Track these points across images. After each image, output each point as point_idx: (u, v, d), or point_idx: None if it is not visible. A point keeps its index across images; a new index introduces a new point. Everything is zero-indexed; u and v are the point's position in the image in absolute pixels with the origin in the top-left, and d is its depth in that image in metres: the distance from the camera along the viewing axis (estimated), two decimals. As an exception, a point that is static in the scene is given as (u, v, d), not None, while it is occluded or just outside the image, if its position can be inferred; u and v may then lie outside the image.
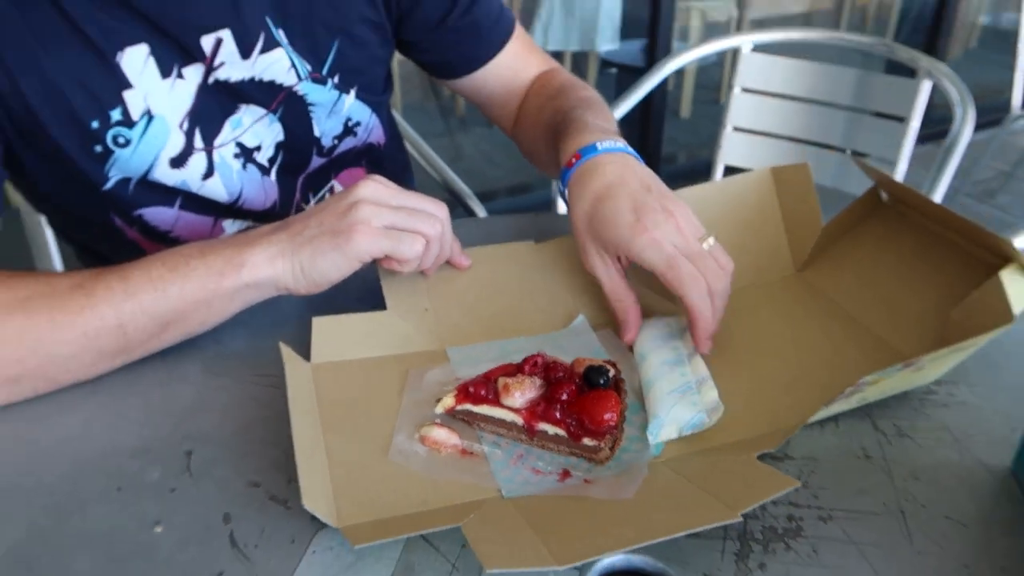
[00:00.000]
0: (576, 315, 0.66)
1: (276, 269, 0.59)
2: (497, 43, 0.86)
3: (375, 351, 0.62)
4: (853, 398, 0.52)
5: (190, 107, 0.71)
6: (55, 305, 0.56)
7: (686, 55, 1.49)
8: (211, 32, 0.69)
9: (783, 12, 4.57)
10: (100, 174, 0.71)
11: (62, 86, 0.65)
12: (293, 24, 0.73)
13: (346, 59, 0.77)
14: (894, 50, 1.35)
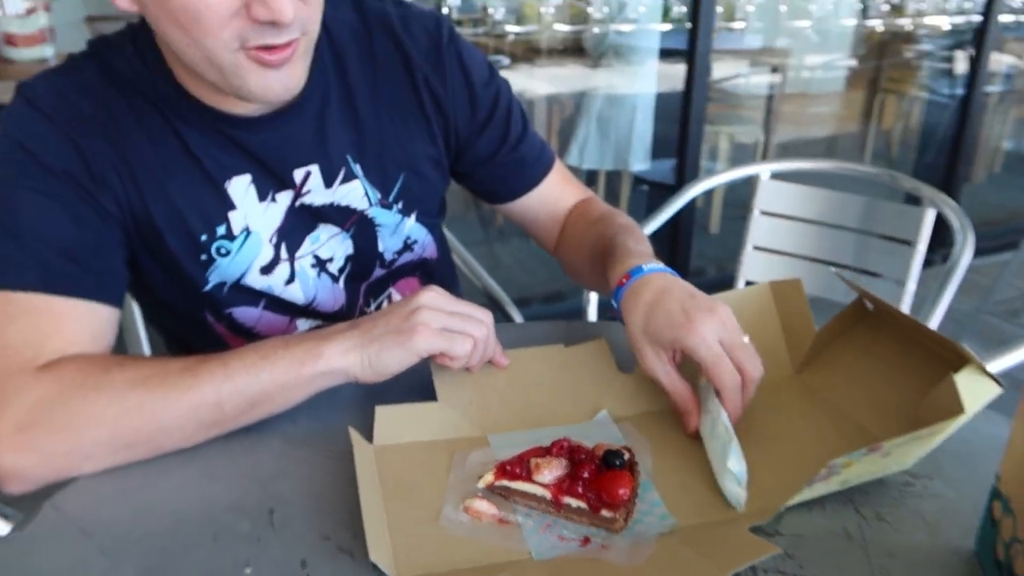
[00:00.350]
0: (600, 410, 0.76)
1: (347, 361, 0.70)
2: (539, 175, 1.00)
3: (427, 436, 0.72)
4: (834, 481, 0.61)
5: (279, 225, 0.85)
6: (168, 383, 0.67)
7: (709, 181, 1.63)
8: (302, 166, 0.84)
9: (808, 136, 4.79)
10: (202, 278, 0.84)
11: (181, 206, 0.80)
12: (368, 160, 0.88)
13: (409, 189, 0.91)
14: (897, 180, 1.48)
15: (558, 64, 4.10)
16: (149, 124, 0.78)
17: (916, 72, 4.60)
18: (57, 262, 0.72)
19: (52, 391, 0.67)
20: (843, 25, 4.93)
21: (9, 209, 0.73)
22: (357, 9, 0.88)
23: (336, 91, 0.86)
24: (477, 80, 0.92)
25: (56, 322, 0.71)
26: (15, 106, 0.76)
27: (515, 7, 4.50)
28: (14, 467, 0.66)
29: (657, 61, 3.35)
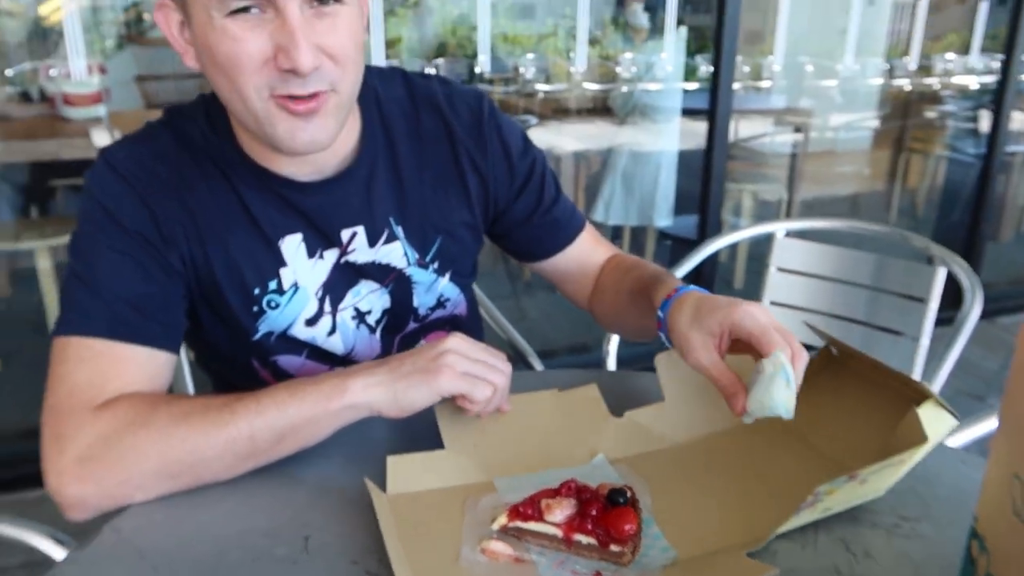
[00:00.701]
0: (596, 452, 0.82)
1: (372, 395, 0.75)
2: (571, 235, 1.07)
3: (437, 483, 0.77)
4: (818, 508, 0.66)
5: (325, 280, 0.93)
6: (207, 419, 0.74)
7: (726, 238, 1.69)
8: (349, 227, 0.92)
9: (832, 194, 4.83)
10: (253, 328, 0.92)
11: (239, 262, 0.88)
12: (409, 224, 0.96)
13: (446, 251, 0.99)
14: (908, 239, 1.53)
15: (586, 121, 4.23)
16: (215, 186, 0.87)
17: (941, 131, 4.65)
18: (125, 312, 0.80)
19: (108, 428, 0.74)
20: (869, 85, 5.02)
21: (88, 263, 0.82)
22: (407, 86, 0.97)
23: (384, 160, 0.93)
24: (514, 152, 1.00)
25: (118, 366, 0.79)
26: (98, 169, 0.85)
27: (545, 67, 4.66)
28: (76, 496, 0.73)
29: (682, 119, 3.45)
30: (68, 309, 0.81)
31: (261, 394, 0.76)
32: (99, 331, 0.79)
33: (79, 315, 0.80)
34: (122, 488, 0.74)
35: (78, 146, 2.79)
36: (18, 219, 3.20)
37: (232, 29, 0.74)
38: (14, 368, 2.75)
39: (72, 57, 2.35)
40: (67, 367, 0.78)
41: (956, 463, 0.81)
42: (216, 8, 0.73)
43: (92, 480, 0.73)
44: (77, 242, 0.84)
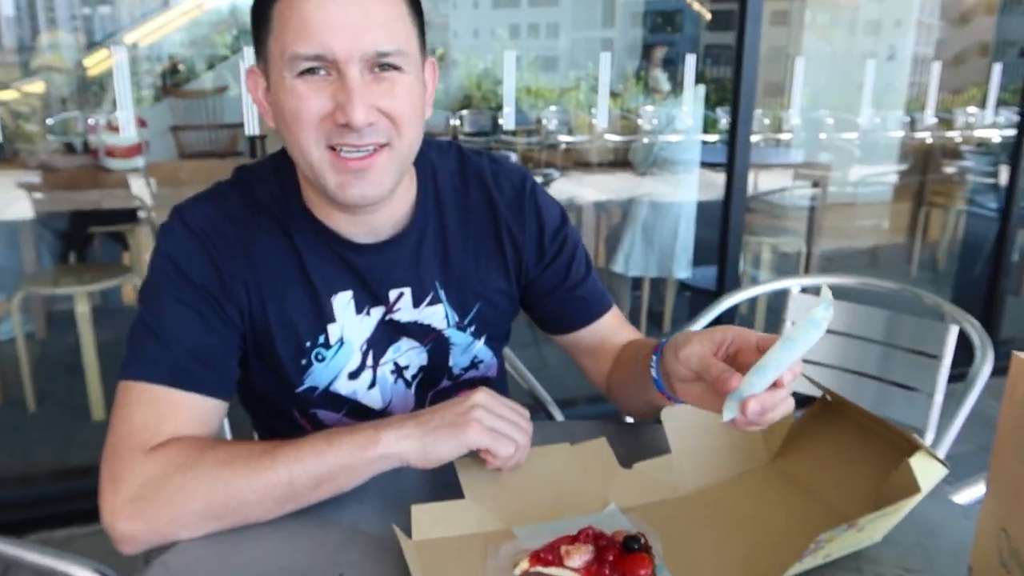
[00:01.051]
0: (607, 502, 0.86)
1: (402, 447, 0.80)
2: (596, 314, 1.10)
3: (459, 530, 0.81)
4: (819, 554, 0.70)
5: (369, 336, 0.99)
6: (250, 465, 0.80)
7: (741, 293, 1.73)
8: (397, 288, 0.99)
9: (852, 247, 4.86)
10: (299, 380, 0.97)
11: (293, 316, 0.94)
12: (451, 288, 1.02)
13: (483, 316, 1.05)
14: (920, 297, 1.56)
15: (607, 173, 4.31)
16: (277, 244, 0.94)
17: (961, 185, 4.68)
18: (187, 362, 0.87)
19: (158, 470, 0.80)
20: (888, 138, 5.07)
21: (156, 312, 0.88)
22: (459, 159, 1.04)
23: (433, 228, 1.00)
24: (548, 231, 1.06)
25: (174, 410, 0.85)
26: (172, 224, 0.92)
27: (567, 119, 4.78)
28: (128, 533, 0.79)
29: (701, 171, 3.51)
30: (134, 355, 0.87)
31: (301, 442, 0.81)
32: (161, 379, 0.85)
33: (144, 362, 0.86)
34: (170, 527, 0.79)
35: (118, 196, 2.91)
36: (57, 265, 3.32)
37: (299, 88, 0.82)
38: (48, 408, 2.82)
39: (115, 110, 2.46)
40: (128, 410, 0.85)
41: (959, 517, 0.84)
42: (288, 70, 0.82)
43: (142, 519, 0.79)
44: (147, 291, 0.90)
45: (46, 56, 3.47)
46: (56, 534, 2.12)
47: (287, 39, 0.81)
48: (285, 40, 0.82)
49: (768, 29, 3.52)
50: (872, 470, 0.80)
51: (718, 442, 0.91)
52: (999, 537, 0.58)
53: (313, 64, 0.81)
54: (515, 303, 1.10)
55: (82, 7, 4.15)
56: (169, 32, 4.33)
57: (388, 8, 0.83)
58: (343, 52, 0.80)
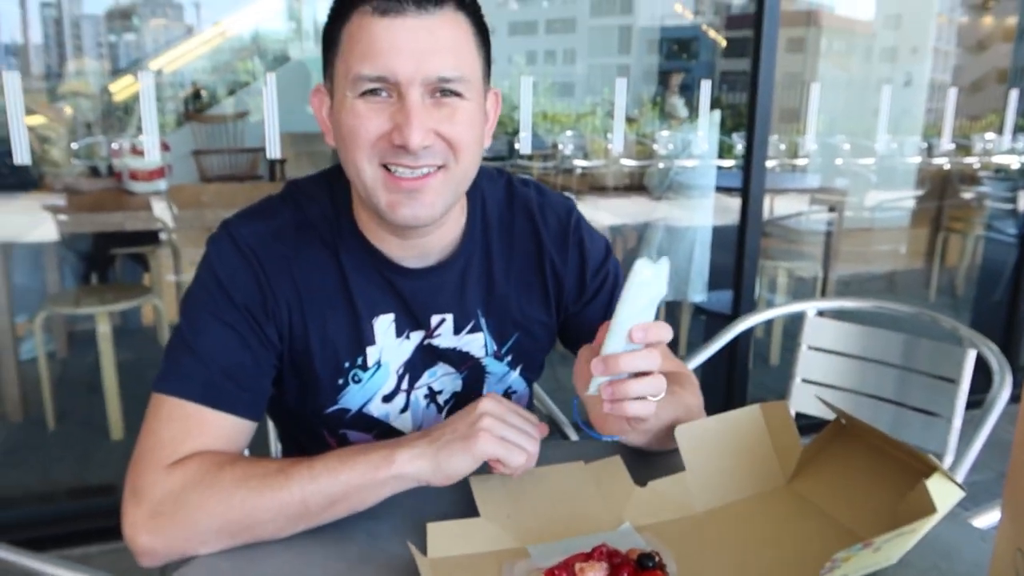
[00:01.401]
0: (622, 520, 0.86)
1: (416, 466, 0.80)
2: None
3: (473, 548, 0.82)
4: (836, 574, 0.69)
5: (407, 359, 0.99)
6: (265, 483, 0.80)
7: (755, 317, 1.74)
8: (440, 313, 0.99)
9: (869, 272, 4.83)
10: (333, 400, 0.98)
11: (332, 334, 0.95)
12: (492, 317, 1.02)
13: (521, 347, 1.05)
14: (937, 320, 1.56)
15: (622, 197, 4.33)
16: (323, 264, 0.94)
17: (980, 211, 4.65)
18: (220, 381, 0.87)
19: (177, 486, 0.81)
20: (906, 164, 5.07)
21: (195, 327, 0.89)
22: (507, 189, 1.05)
23: (479, 256, 1.01)
24: (591, 266, 1.06)
25: (200, 427, 0.86)
26: (221, 240, 0.92)
27: (583, 144, 4.81)
28: (147, 547, 0.80)
29: (717, 196, 3.52)
30: (169, 369, 0.88)
31: (315, 460, 0.81)
32: (193, 395, 0.86)
33: (179, 377, 0.87)
34: (188, 543, 0.80)
35: (141, 218, 2.96)
36: (80, 285, 3.37)
37: (359, 108, 0.84)
38: (67, 427, 2.85)
39: (140, 135, 2.52)
40: (157, 423, 0.86)
41: (977, 540, 0.84)
42: (351, 89, 0.84)
43: (161, 534, 0.80)
44: (188, 304, 0.91)
45: (73, 82, 3.55)
46: (73, 552, 2.13)
47: (353, 60, 0.83)
48: (351, 60, 0.83)
49: (784, 56, 3.54)
50: (888, 492, 0.80)
51: (733, 462, 0.92)
52: (1015, 558, 0.58)
53: (375, 85, 0.83)
54: (553, 336, 1.09)
55: (108, 35, 4.25)
56: (192, 59, 4.42)
57: (455, 34, 0.84)
58: (406, 75, 0.81)
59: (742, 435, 0.93)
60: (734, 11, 4.79)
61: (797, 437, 0.93)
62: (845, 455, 0.89)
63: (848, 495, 0.86)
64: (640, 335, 0.78)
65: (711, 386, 2.95)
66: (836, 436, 0.90)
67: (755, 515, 0.87)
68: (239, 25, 4.52)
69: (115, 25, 4.28)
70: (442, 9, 0.83)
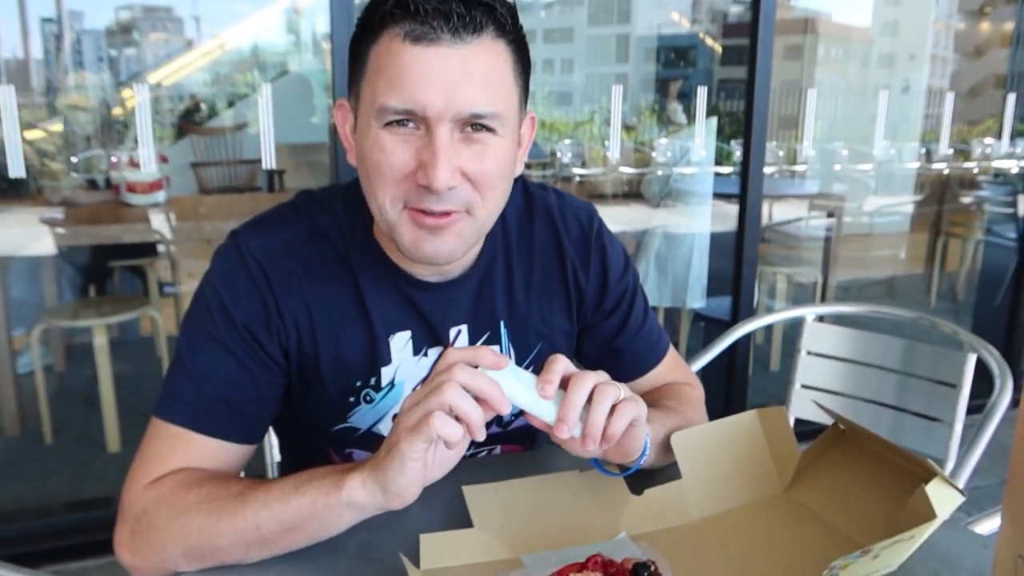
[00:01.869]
0: (618, 529, 0.85)
1: (367, 491, 0.72)
2: (651, 363, 1.07)
3: (467, 559, 0.80)
4: None
5: (424, 377, 0.93)
6: (223, 508, 0.75)
7: (753, 323, 1.73)
8: (457, 326, 0.95)
9: (868, 278, 4.82)
10: (342, 418, 0.94)
11: (345, 353, 0.90)
12: (515, 328, 0.98)
13: (542, 357, 0.99)
14: (937, 325, 1.55)
15: (621, 205, 4.33)
16: (336, 278, 0.89)
17: (980, 215, 4.65)
18: (214, 407, 0.84)
19: (150, 506, 0.79)
20: (904, 169, 5.07)
21: (192, 347, 0.85)
22: (524, 194, 1.01)
23: (499, 265, 0.97)
24: (612, 276, 1.02)
25: (188, 449, 0.84)
26: (227, 253, 0.88)
27: (581, 152, 4.81)
28: (129, 564, 0.80)
29: (716, 202, 3.52)
30: (166, 392, 0.85)
31: (274, 484, 0.76)
32: (186, 423, 0.84)
33: (173, 401, 0.84)
34: (164, 563, 0.78)
35: (138, 230, 2.95)
36: (77, 298, 3.37)
37: (384, 140, 0.78)
38: (64, 440, 2.84)
39: (137, 147, 2.52)
40: (147, 442, 0.85)
41: (978, 547, 0.83)
42: (375, 118, 0.78)
43: (137, 552, 0.79)
44: (189, 322, 0.87)
45: (72, 96, 3.56)
46: (69, 567, 2.12)
47: (379, 87, 0.77)
48: (377, 88, 0.78)
49: (782, 63, 3.54)
50: (887, 499, 0.78)
51: (730, 469, 0.90)
52: (1016, 564, 0.57)
53: (401, 117, 0.77)
54: (574, 344, 1.05)
55: (108, 48, 4.27)
56: (192, 72, 4.43)
57: (491, 64, 0.78)
58: (435, 110, 0.76)
59: (739, 441, 0.92)
60: (731, 19, 4.80)
61: (795, 443, 0.92)
62: (843, 461, 0.88)
63: (847, 502, 0.85)
64: (549, 389, 0.73)
65: (711, 392, 2.92)
66: (834, 442, 0.89)
67: (752, 522, 0.86)
68: (238, 38, 4.53)
69: (115, 40, 4.30)
70: (480, 37, 0.77)
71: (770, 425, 0.93)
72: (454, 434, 0.69)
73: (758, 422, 0.93)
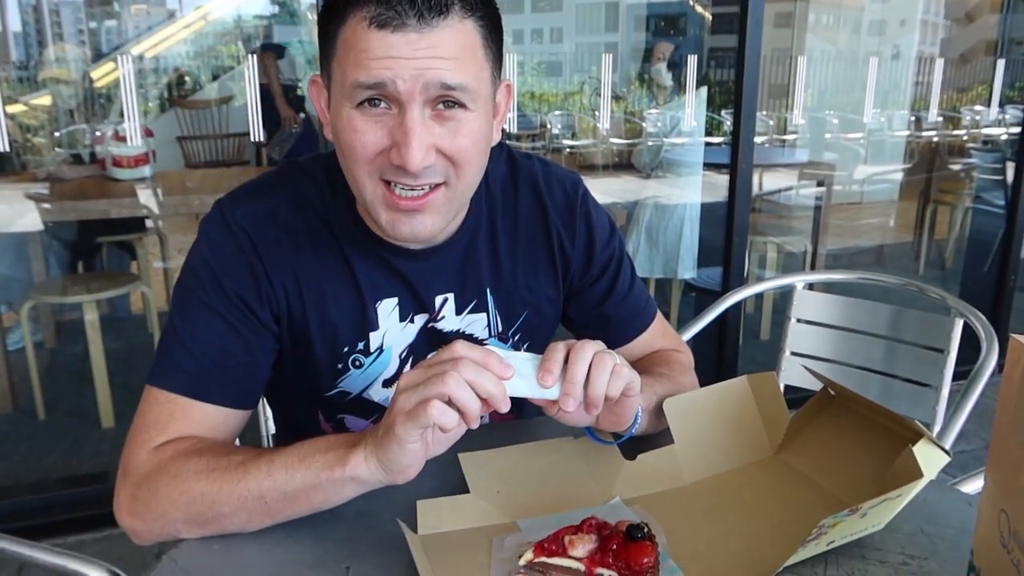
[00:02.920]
0: (612, 494, 0.86)
1: (370, 467, 0.73)
2: (638, 329, 1.08)
3: (464, 524, 0.82)
4: (823, 541, 0.70)
5: (410, 343, 0.96)
6: (225, 478, 0.76)
7: (743, 291, 1.74)
8: (443, 293, 0.96)
9: (858, 246, 4.85)
10: (332, 384, 0.96)
11: (335, 319, 0.92)
12: (501, 296, 1.00)
13: (530, 325, 1.03)
14: (923, 290, 1.56)
15: (612, 176, 4.32)
16: (322, 245, 0.90)
17: (968, 183, 4.67)
18: (206, 372, 0.85)
19: (151, 472, 0.80)
20: (894, 137, 5.07)
21: (184, 316, 0.87)
22: (509, 163, 1.01)
23: (484, 233, 0.98)
24: (598, 243, 1.03)
25: (185, 414, 0.84)
26: (214, 223, 0.89)
27: (571, 123, 4.79)
28: (129, 527, 0.81)
29: (706, 173, 3.52)
30: (160, 360, 0.86)
31: (276, 455, 0.77)
32: (179, 388, 0.85)
33: (167, 369, 0.85)
34: (163, 528, 0.79)
35: (126, 205, 2.93)
36: (66, 275, 3.35)
37: (357, 121, 0.79)
38: (57, 417, 2.85)
39: (122, 121, 2.49)
40: (144, 408, 0.85)
41: (963, 505, 0.84)
42: (348, 98, 0.78)
43: (138, 516, 0.80)
44: (179, 291, 0.88)
45: (53, 69, 3.50)
46: (66, 540, 2.13)
47: (348, 66, 0.77)
48: (346, 66, 0.78)
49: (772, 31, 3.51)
50: (875, 460, 0.80)
51: (721, 433, 0.92)
52: (999, 518, 0.58)
53: (373, 95, 0.77)
54: (559, 312, 1.07)
55: (89, 20, 4.20)
56: (175, 44, 4.37)
57: (459, 44, 0.78)
58: (405, 85, 0.76)
59: (730, 406, 0.93)
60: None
61: (785, 407, 0.93)
62: (832, 424, 0.89)
63: (835, 463, 0.86)
64: (550, 379, 0.74)
65: (702, 361, 2.94)
66: (823, 406, 0.91)
67: (743, 485, 0.88)
68: (221, 9, 4.47)
69: (95, 11, 4.23)
70: (446, 19, 0.77)
71: (760, 390, 0.94)
72: (450, 423, 0.69)
73: (748, 387, 0.94)
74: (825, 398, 0.90)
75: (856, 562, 0.74)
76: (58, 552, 0.94)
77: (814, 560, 0.73)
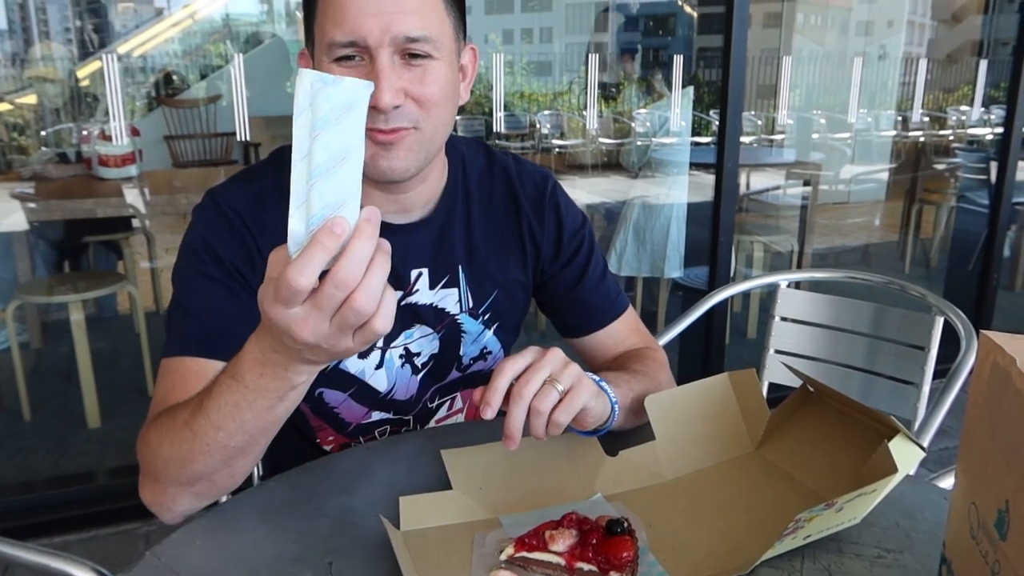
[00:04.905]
0: (593, 490, 0.87)
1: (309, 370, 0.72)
2: (608, 318, 1.13)
3: (446, 520, 0.82)
4: (799, 535, 0.72)
5: None
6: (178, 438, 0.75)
7: (729, 289, 1.75)
8: (417, 268, 1.01)
9: (844, 245, 4.88)
10: None
11: None
12: (473, 274, 1.05)
13: (499, 305, 1.08)
14: (905, 289, 1.58)
15: (600, 176, 4.34)
16: None
17: (953, 182, 4.71)
18: (211, 333, 0.89)
19: (153, 440, 0.81)
20: (880, 137, 5.10)
21: (186, 289, 0.93)
22: (487, 156, 1.09)
23: (460, 214, 1.04)
24: (567, 228, 1.10)
25: (190, 376, 0.86)
26: (206, 207, 0.95)
27: (560, 123, 4.80)
28: (150, 502, 0.83)
29: (693, 172, 3.54)
30: (170, 335, 0.91)
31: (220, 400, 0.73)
32: (190, 350, 0.89)
33: (176, 339, 0.90)
34: (171, 501, 0.81)
35: (112, 205, 2.91)
36: (52, 274, 3.33)
37: (335, 72, 0.85)
38: (43, 417, 2.83)
39: (109, 120, 2.48)
40: (160, 381, 0.89)
41: (939, 500, 0.86)
42: (327, 55, 0.87)
43: (148, 489, 0.83)
44: (178, 272, 0.94)
45: (39, 67, 3.49)
46: (53, 540, 2.12)
47: (326, 25, 0.86)
48: (324, 26, 0.87)
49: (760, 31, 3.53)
50: (853, 456, 0.81)
51: (702, 430, 0.93)
52: (969, 511, 0.59)
53: (348, 51, 0.85)
54: (529, 296, 1.13)
55: (75, 18, 4.17)
56: (162, 43, 4.35)
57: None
58: (374, 37, 0.84)
59: (711, 403, 0.94)
60: (708, -14, 4.78)
61: (764, 404, 0.94)
62: (811, 421, 0.90)
63: (814, 459, 0.87)
64: (489, 412, 0.78)
65: (688, 359, 2.97)
66: (802, 402, 0.92)
67: (724, 481, 0.89)
68: (210, 7, 4.45)
69: (82, 9, 4.20)
70: None
71: (741, 387, 0.95)
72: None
73: (729, 384, 0.96)
74: (804, 395, 0.91)
75: (833, 556, 0.75)
76: (44, 551, 0.94)
77: (791, 554, 0.75)
